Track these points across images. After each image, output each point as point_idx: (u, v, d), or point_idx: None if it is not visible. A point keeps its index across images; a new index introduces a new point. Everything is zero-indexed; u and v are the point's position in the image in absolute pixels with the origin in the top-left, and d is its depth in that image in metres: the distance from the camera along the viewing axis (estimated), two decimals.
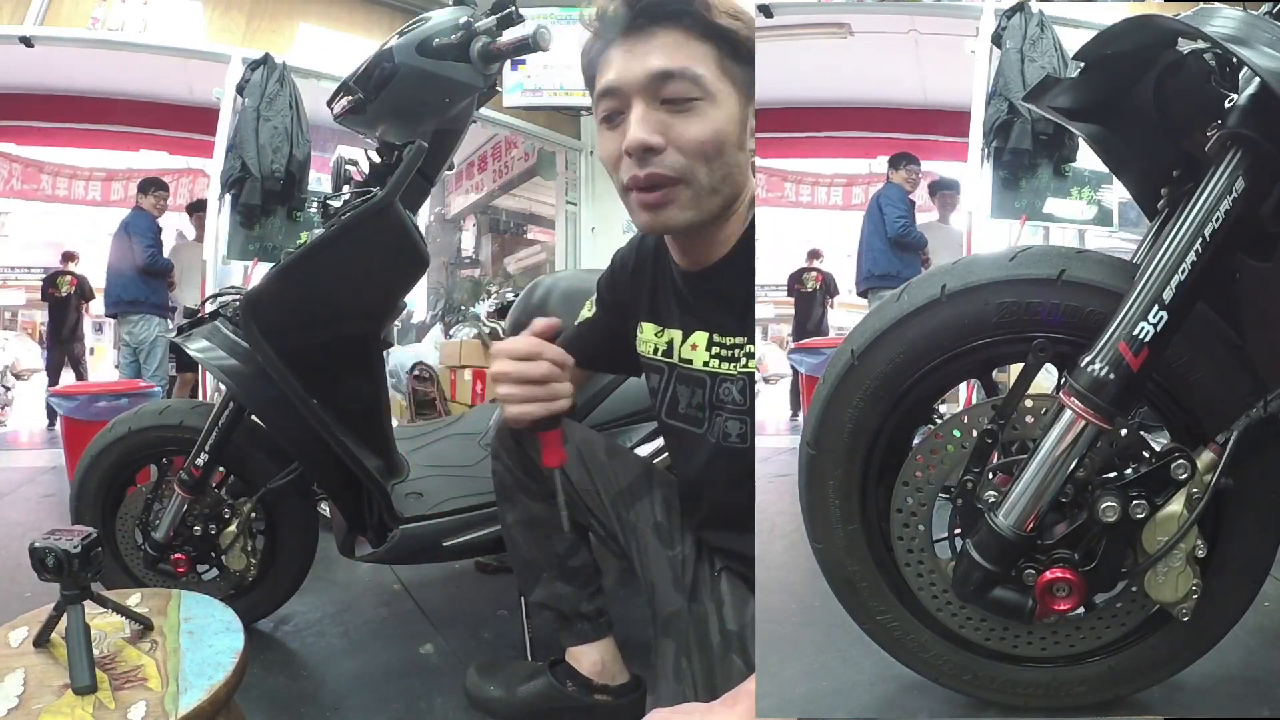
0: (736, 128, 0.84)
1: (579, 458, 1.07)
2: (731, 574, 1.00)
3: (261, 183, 2.94)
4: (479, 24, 1.24)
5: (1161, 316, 0.75)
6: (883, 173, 3.78)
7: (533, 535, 1.11)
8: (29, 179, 5.33)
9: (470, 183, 6.76)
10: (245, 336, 1.32)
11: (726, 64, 0.82)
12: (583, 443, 1.09)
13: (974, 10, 3.06)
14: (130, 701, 0.81)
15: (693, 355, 0.96)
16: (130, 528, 1.54)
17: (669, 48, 0.81)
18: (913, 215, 3.65)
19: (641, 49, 0.82)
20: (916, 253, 3.57)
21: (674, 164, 0.82)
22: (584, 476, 1.07)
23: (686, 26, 0.81)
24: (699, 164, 0.82)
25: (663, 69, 0.80)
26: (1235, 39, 0.72)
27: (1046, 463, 0.80)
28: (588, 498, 1.08)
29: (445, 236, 7.25)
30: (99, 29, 3.23)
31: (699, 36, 0.81)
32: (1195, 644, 0.92)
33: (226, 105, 3.06)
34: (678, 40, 0.81)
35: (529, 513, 1.10)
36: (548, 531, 1.09)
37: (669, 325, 0.99)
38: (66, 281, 4.54)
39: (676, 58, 0.80)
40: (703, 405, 0.96)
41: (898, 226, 3.52)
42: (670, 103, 0.81)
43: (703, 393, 0.95)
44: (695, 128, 0.81)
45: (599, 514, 1.08)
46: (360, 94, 1.28)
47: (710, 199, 0.85)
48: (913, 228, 3.58)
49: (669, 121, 0.81)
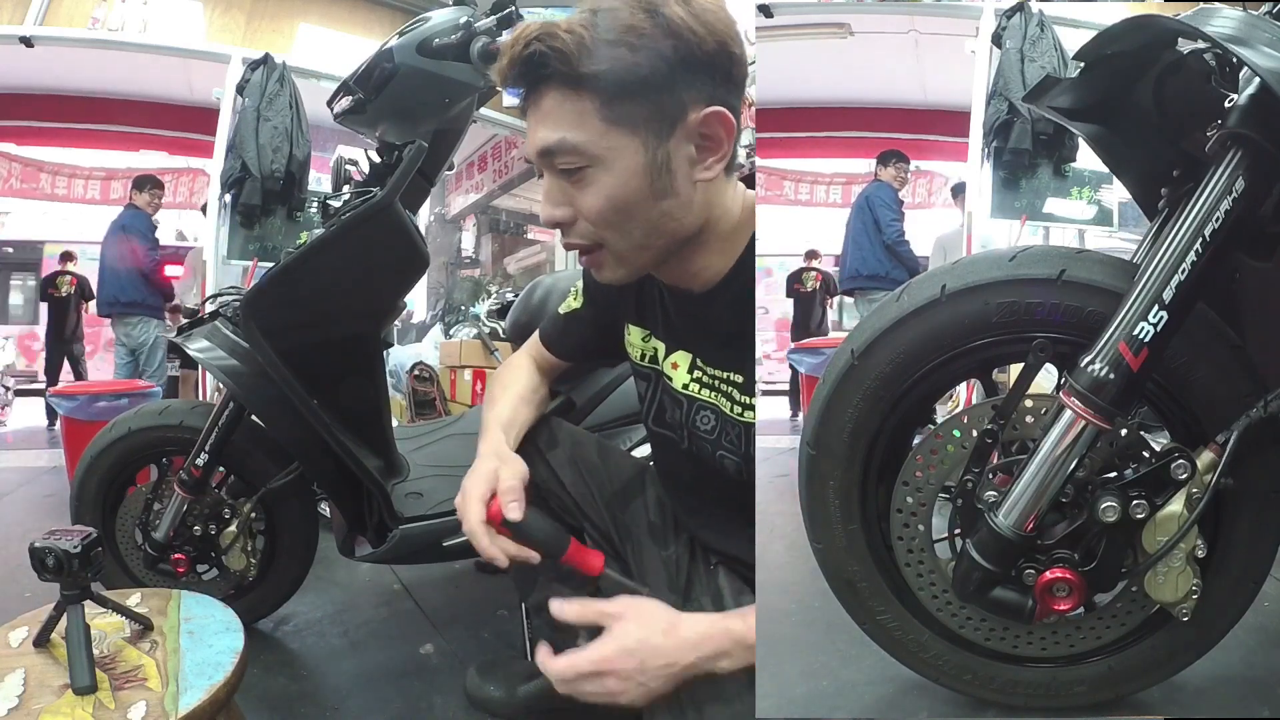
0: (640, 180, 0.75)
1: (571, 460, 1.06)
2: (728, 569, 1.00)
3: (261, 183, 2.93)
4: (479, 24, 1.24)
5: (1161, 316, 0.75)
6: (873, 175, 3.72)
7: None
8: (29, 179, 5.33)
9: (470, 183, 6.76)
10: (245, 336, 1.32)
11: (614, 109, 0.73)
12: (574, 444, 1.08)
13: (974, 10, 3.06)
14: (130, 701, 0.81)
15: (673, 374, 0.92)
16: (130, 528, 1.54)
17: (550, 115, 0.74)
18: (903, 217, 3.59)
19: (532, 119, 0.76)
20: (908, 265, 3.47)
21: (585, 232, 0.78)
22: (577, 479, 1.06)
23: (561, 85, 0.73)
24: (606, 231, 0.77)
25: (542, 145, 0.75)
26: (1235, 39, 0.72)
27: (1046, 463, 0.80)
28: (581, 500, 1.07)
29: (445, 236, 7.25)
30: (99, 29, 3.24)
31: (575, 92, 0.73)
32: (1195, 644, 0.92)
33: (226, 105, 3.06)
34: (556, 102, 0.73)
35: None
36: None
37: (654, 334, 0.96)
38: (66, 281, 4.54)
39: (559, 126, 0.74)
40: (680, 425, 0.93)
41: (894, 233, 3.44)
42: (565, 172, 0.76)
43: (680, 413, 0.92)
44: (589, 198, 0.76)
45: (593, 516, 1.07)
46: (360, 94, 1.28)
47: (639, 255, 0.80)
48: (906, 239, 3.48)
49: (571, 192, 0.76)
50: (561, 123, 0.73)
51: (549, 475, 1.04)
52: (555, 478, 1.04)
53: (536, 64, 0.72)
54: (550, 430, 1.07)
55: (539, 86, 0.74)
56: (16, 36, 3.09)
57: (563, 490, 1.05)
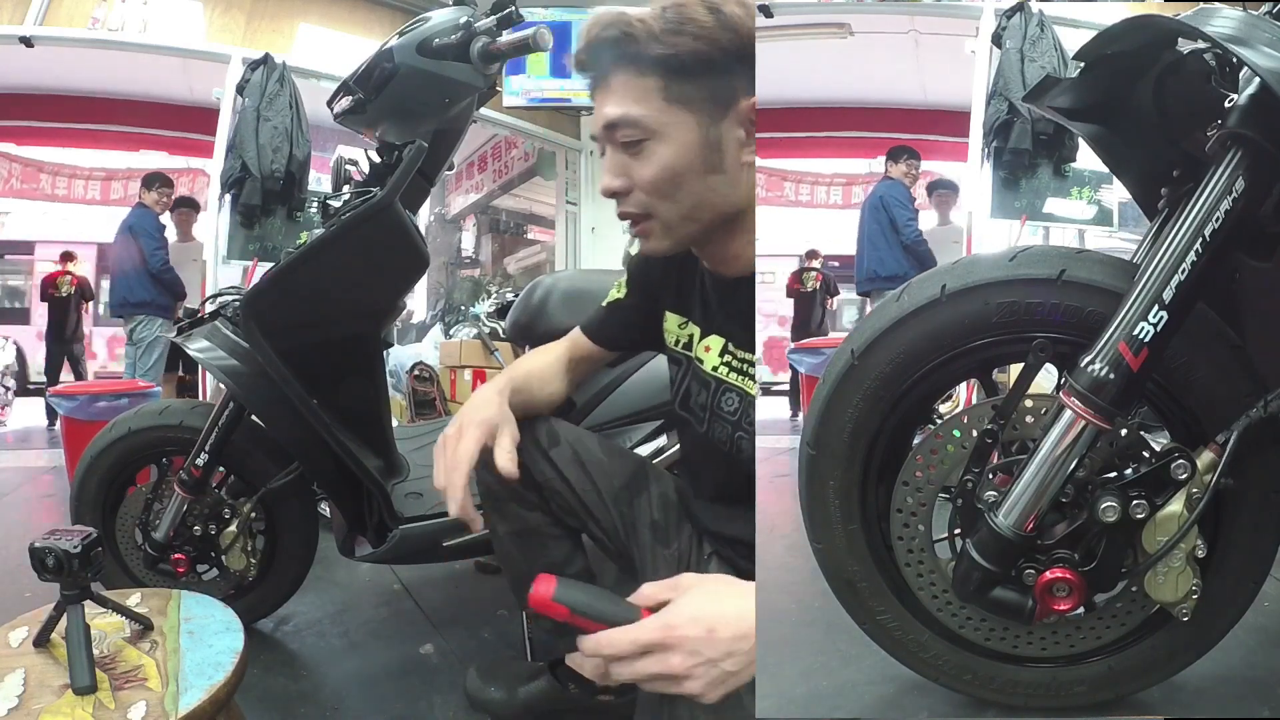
0: (694, 154, 0.83)
1: (575, 458, 1.07)
2: (721, 560, 1.01)
3: (261, 183, 2.94)
4: (479, 24, 1.24)
5: (1161, 316, 0.75)
6: (882, 173, 3.67)
7: (527, 546, 1.08)
8: (29, 179, 5.33)
9: (470, 183, 6.76)
10: (245, 336, 1.32)
11: (675, 89, 0.81)
12: (576, 442, 1.09)
13: (974, 10, 3.06)
14: (130, 701, 0.81)
15: (705, 357, 0.96)
16: (130, 528, 1.54)
17: (618, 93, 0.82)
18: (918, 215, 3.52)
19: (600, 98, 0.84)
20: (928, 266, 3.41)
21: (639, 202, 0.85)
22: (582, 476, 1.07)
23: (630, 66, 0.82)
24: (659, 200, 0.84)
25: (607, 119, 0.83)
26: (1235, 39, 0.72)
27: (1046, 463, 0.80)
28: (586, 497, 1.07)
29: (445, 236, 7.25)
30: (99, 29, 3.23)
31: (641, 72, 0.82)
32: (1195, 644, 0.92)
33: (226, 105, 3.07)
34: (625, 82, 0.82)
35: (522, 523, 1.08)
36: (543, 540, 1.08)
37: (691, 320, 1.00)
38: (67, 281, 4.53)
39: (623, 102, 0.82)
40: (705, 407, 0.96)
41: (912, 233, 3.38)
42: (626, 145, 0.83)
43: (706, 395, 0.96)
44: (647, 168, 0.83)
45: (598, 513, 1.08)
46: (360, 94, 1.28)
47: (684, 226, 0.86)
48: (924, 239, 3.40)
49: (629, 163, 0.84)
50: (626, 99, 0.82)
51: (554, 474, 1.05)
52: (560, 477, 1.05)
53: (611, 45, 0.82)
54: (552, 429, 1.07)
55: (610, 67, 0.83)
56: (16, 36, 3.09)
57: (568, 489, 1.05)
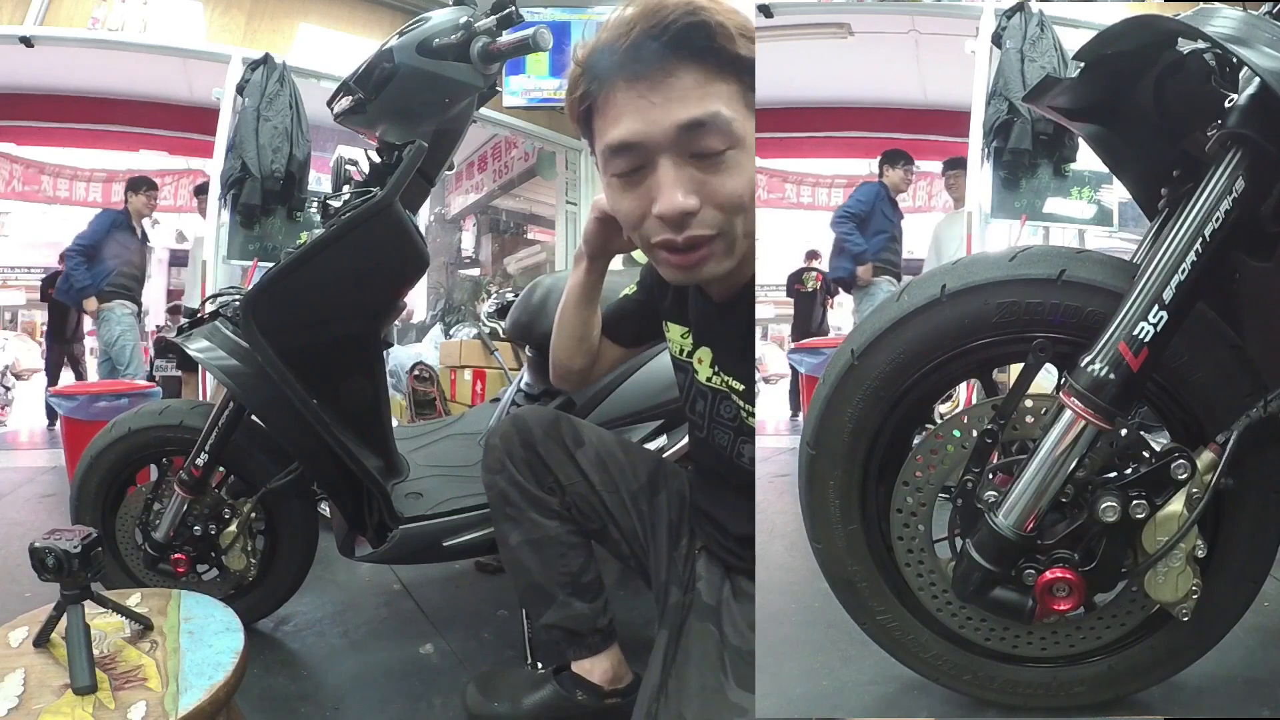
0: (754, 169, 0.76)
1: (598, 460, 1.07)
2: (710, 555, 1.01)
3: (261, 183, 2.93)
4: (479, 24, 1.24)
5: (1161, 316, 0.75)
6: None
7: (543, 556, 1.04)
8: (29, 179, 5.33)
9: (470, 183, 6.75)
10: (245, 336, 1.32)
11: (748, 98, 0.72)
12: (599, 443, 1.09)
13: (974, 10, 3.06)
14: (130, 701, 0.81)
15: (699, 368, 0.97)
16: (130, 528, 1.54)
17: (693, 91, 0.69)
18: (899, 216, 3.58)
19: (661, 95, 0.70)
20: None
21: (711, 221, 0.74)
22: (605, 478, 1.06)
23: (708, 63, 0.70)
24: (735, 217, 0.75)
25: (692, 119, 0.69)
26: (1235, 39, 0.72)
27: (1046, 463, 0.80)
28: (608, 496, 1.06)
29: (445, 236, 7.25)
30: (99, 29, 3.23)
31: (720, 73, 0.70)
32: (1195, 644, 0.92)
33: (226, 105, 3.06)
34: (699, 80, 0.69)
35: (540, 532, 1.04)
36: (561, 550, 1.04)
37: (689, 331, 1.01)
38: None
39: (705, 103, 0.69)
40: (704, 414, 0.98)
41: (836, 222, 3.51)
42: (700, 156, 0.71)
43: (705, 404, 0.97)
44: (732, 182, 0.72)
45: (618, 515, 1.07)
46: (360, 94, 1.28)
47: (743, 244, 0.79)
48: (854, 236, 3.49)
49: (702, 178, 0.72)
50: (711, 100, 0.70)
51: (579, 477, 1.06)
52: (585, 479, 1.05)
53: (694, 34, 0.69)
54: (576, 430, 1.08)
55: (686, 60, 0.69)
56: (16, 36, 3.09)
57: (591, 491, 1.05)
